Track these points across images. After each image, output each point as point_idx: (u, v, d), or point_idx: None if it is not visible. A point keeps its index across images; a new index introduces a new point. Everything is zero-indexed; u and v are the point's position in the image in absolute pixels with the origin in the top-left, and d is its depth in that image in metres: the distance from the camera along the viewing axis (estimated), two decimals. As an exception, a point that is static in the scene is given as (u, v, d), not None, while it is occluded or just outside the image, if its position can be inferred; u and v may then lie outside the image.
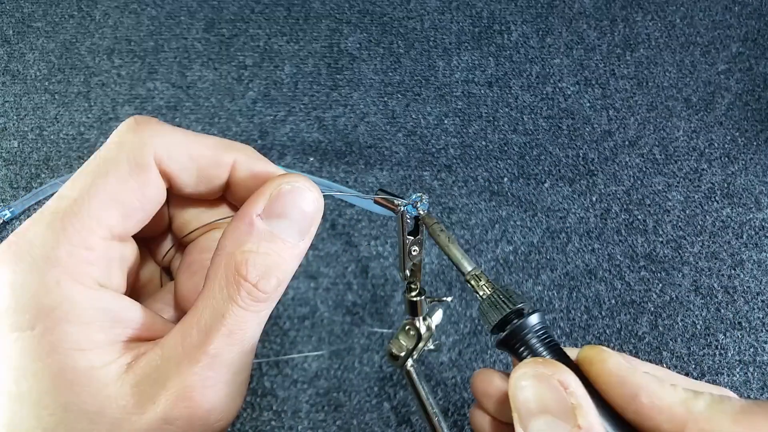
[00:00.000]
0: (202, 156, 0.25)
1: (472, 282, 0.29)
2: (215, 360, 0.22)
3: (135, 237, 0.25)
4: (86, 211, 0.22)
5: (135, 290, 0.28)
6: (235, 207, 0.29)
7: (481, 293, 0.28)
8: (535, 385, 0.23)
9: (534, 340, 0.25)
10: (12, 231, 0.54)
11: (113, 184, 0.22)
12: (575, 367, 0.25)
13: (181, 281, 0.28)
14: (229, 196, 0.28)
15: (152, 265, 0.30)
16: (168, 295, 0.29)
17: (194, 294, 0.26)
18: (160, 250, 0.30)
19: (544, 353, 0.25)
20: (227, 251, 0.23)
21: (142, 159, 0.23)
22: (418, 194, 0.32)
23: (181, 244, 0.29)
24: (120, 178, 0.23)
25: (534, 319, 0.26)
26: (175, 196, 0.27)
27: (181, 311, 0.28)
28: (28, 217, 0.55)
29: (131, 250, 0.25)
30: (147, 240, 0.29)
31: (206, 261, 0.26)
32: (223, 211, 0.29)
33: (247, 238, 0.23)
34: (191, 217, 0.28)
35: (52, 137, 0.59)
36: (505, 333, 0.26)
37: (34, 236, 0.21)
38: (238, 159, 0.26)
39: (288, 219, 0.24)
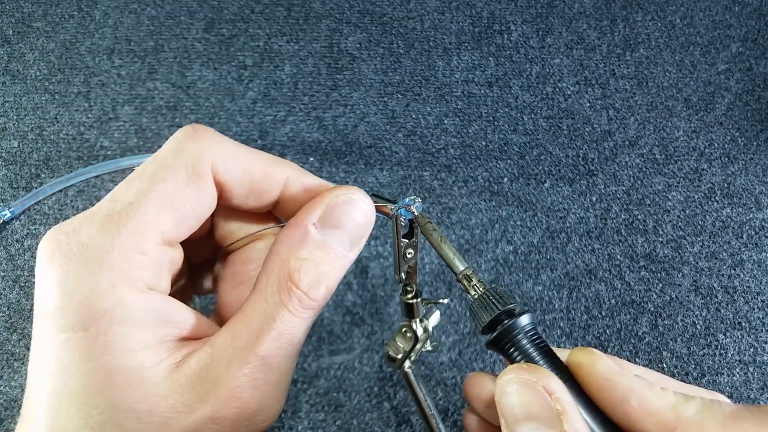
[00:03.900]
0: (256, 169, 0.25)
1: (464, 282, 0.29)
2: (264, 362, 0.23)
3: None
4: (141, 216, 0.22)
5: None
6: (279, 220, 0.29)
7: (472, 293, 0.28)
8: (520, 392, 0.23)
9: (524, 341, 0.25)
10: (12, 231, 0.54)
11: (170, 190, 0.23)
12: (565, 369, 0.25)
13: (224, 291, 0.28)
14: (277, 210, 0.28)
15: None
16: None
17: (237, 304, 0.26)
18: (195, 255, 0.30)
19: (534, 355, 0.25)
20: (281, 257, 0.24)
21: (200, 168, 0.23)
22: (412, 197, 0.32)
23: (225, 253, 0.30)
24: (177, 186, 0.23)
25: (524, 320, 0.26)
26: (221, 206, 0.27)
27: (222, 320, 0.28)
28: (28, 217, 0.55)
29: (179, 255, 0.25)
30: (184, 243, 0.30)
31: (251, 272, 0.27)
32: (267, 223, 0.29)
33: (301, 245, 0.24)
34: (235, 228, 0.28)
35: (52, 137, 0.59)
36: (495, 333, 0.26)
37: (87, 238, 0.21)
38: (290, 175, 0.26)
39: (341, 229, 0.24)
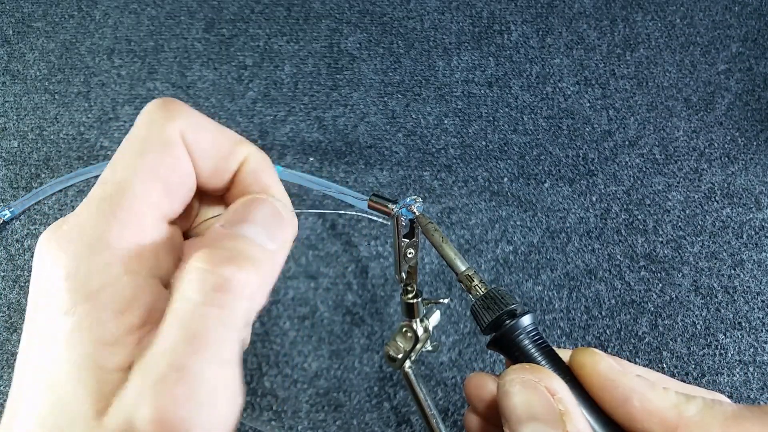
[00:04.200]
0: (221, 145, 0.25)
1: (465, 282, 0.29)
2: (183, 375, 0.19)
3: None
4: (132, 193, 0.22)
5: None
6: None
7: (473, 293, 0.28)
8: (522, 392, 0.23)
9: (526, 341, 0.25)
10: (12, 231, 0.54)
11: (151, 161, 0.22)
12: (567, 370, 0.25)
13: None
14: (229, 192, 0.27)
15: None
16: None
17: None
18: None
19: (536, 355, 0.25)
20: (188, 257, 0.22)
21: (172, 136, 0.23)
22: (412, 197, 0.32)
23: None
24: (156, 156, 0.23)
25: (526, 321, 0.26)
26: None
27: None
28: (28, 217, 0.55)
29: (177, 233, 0.25)
30: None
31: None
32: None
33: (208, 243, 0.23)
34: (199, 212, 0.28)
35: (52, 137, 0.59)
36: (497, 334, 0.26)
37: (85, 220, 0.21)
38: (250, 155, 0.26)
39: (251, 222, 0.24)
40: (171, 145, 0.23)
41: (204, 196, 0.27)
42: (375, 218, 0.32)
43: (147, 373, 0.20)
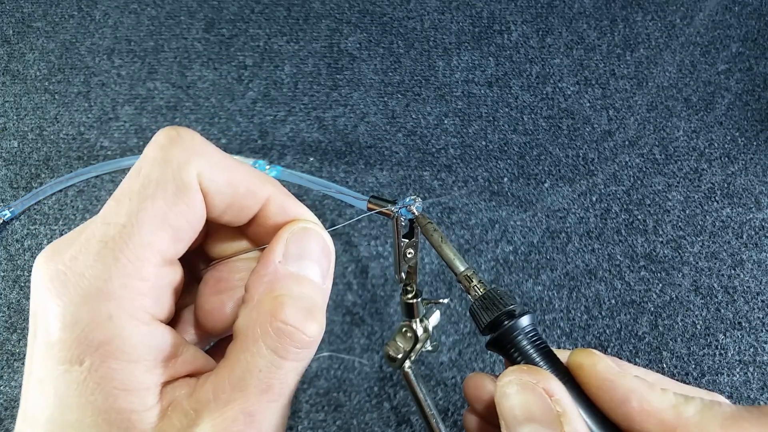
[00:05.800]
0: (240, 184, 0.23)
1: (464, 282, 0.29)
2: (253, 420, 0.21)
3: None
4: (137, 239, 0.21)
5: None
6: (252, 239, 0.28)
7: (472, 293, 0.28)
8: (520, 393, 0.22)
9: (524, 342, 0.25)
10: (12, 231, 0.54)
11: (161, 207, 0.21)
12: (565, 370, 0.24)
13: (204, 296, 0.26)
14: (250, 229, 0.26)
15: None
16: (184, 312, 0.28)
17: (216, 312, 0.25)
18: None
19: (534, 356, 0.25)
20: (257, 300, 0.22)
21: (188, 178, 0.22)
22: (412, 197, 0.32)
23: (208, 256, 0.28)
24: (168, 201, 0.21)
25: (525, 321, 0.26)
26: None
27: (201, 327, 0.27)
28: (28, 217, 0.55)
29: (179, 272, 0.24)
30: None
31: (236, 281, 0.26)
32: (241, 243, 0.27)
33: (275, 284, 0.22)
34: (225, 240, 0.27)
35: (52, 137, 0.59)
36: (495, 334, 0.26)
37: (84, 267, 0.20)
38: (273, 194, 0.25)
39: (307, 260, 0.24)
40: (187, 191, 0.22)
41: (212, 224, 0.26)
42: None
43: (217, 418, 0.21)
